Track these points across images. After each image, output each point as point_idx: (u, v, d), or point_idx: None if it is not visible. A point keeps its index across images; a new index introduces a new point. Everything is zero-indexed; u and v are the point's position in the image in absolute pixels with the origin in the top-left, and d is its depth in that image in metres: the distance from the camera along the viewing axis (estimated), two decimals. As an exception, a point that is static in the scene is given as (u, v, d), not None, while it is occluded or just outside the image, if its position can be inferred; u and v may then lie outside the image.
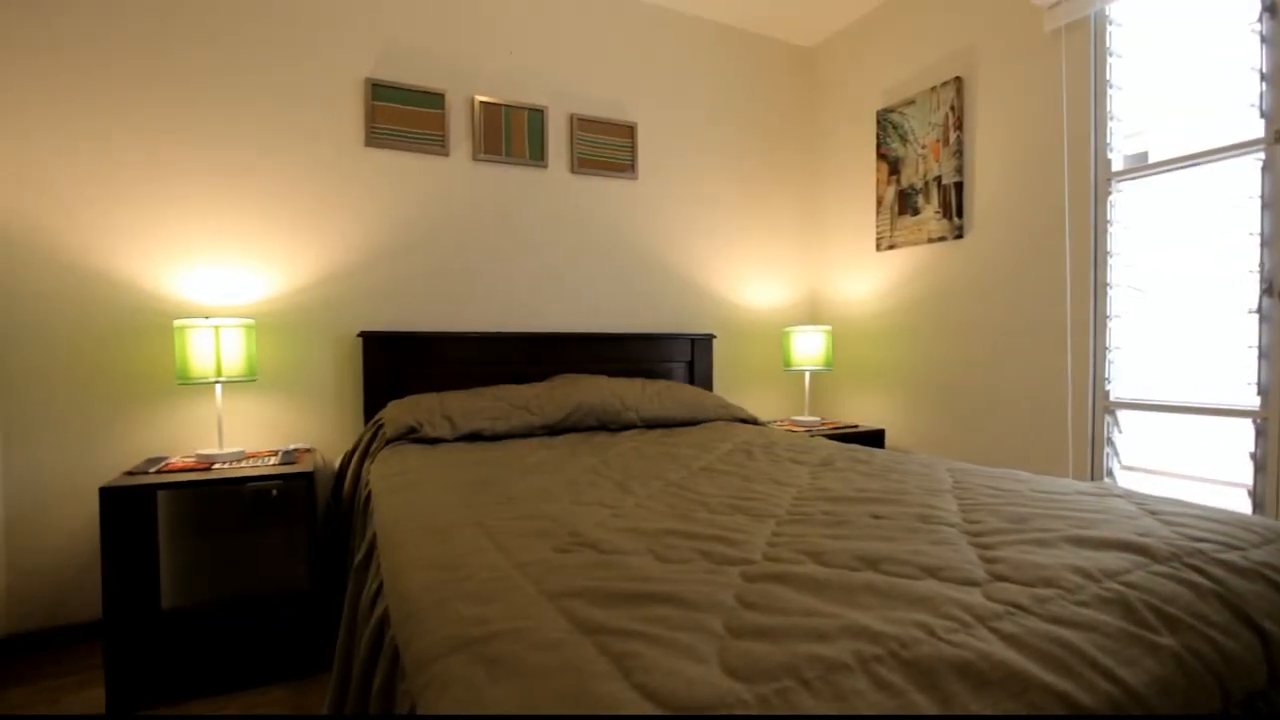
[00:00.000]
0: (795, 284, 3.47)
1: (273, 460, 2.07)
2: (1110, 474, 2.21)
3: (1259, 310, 1.84)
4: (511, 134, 2.73)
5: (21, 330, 2.07)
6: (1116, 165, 2.18)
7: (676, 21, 3.14)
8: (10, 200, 2.06)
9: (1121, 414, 2.19)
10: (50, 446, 2.10)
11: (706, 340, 3.11)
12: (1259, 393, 1.83)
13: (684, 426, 2.48)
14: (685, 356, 3.06)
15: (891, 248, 2.99)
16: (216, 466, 1.98)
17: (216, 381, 2.05)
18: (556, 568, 0.94)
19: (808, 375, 3.16)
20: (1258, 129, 1.83)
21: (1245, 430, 1.88)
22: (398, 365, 2.49)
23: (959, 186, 2.65)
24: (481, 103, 2.68)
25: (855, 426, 3.00)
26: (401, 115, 2.54)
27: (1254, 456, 1.84)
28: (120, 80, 2.17)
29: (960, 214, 2.65)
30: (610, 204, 2.97)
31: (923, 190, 2.82)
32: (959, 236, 2.67)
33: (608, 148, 2.93)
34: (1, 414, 2.04)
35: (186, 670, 1.85)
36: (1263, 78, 1.82)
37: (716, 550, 1.01)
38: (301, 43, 2.42)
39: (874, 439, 2.93)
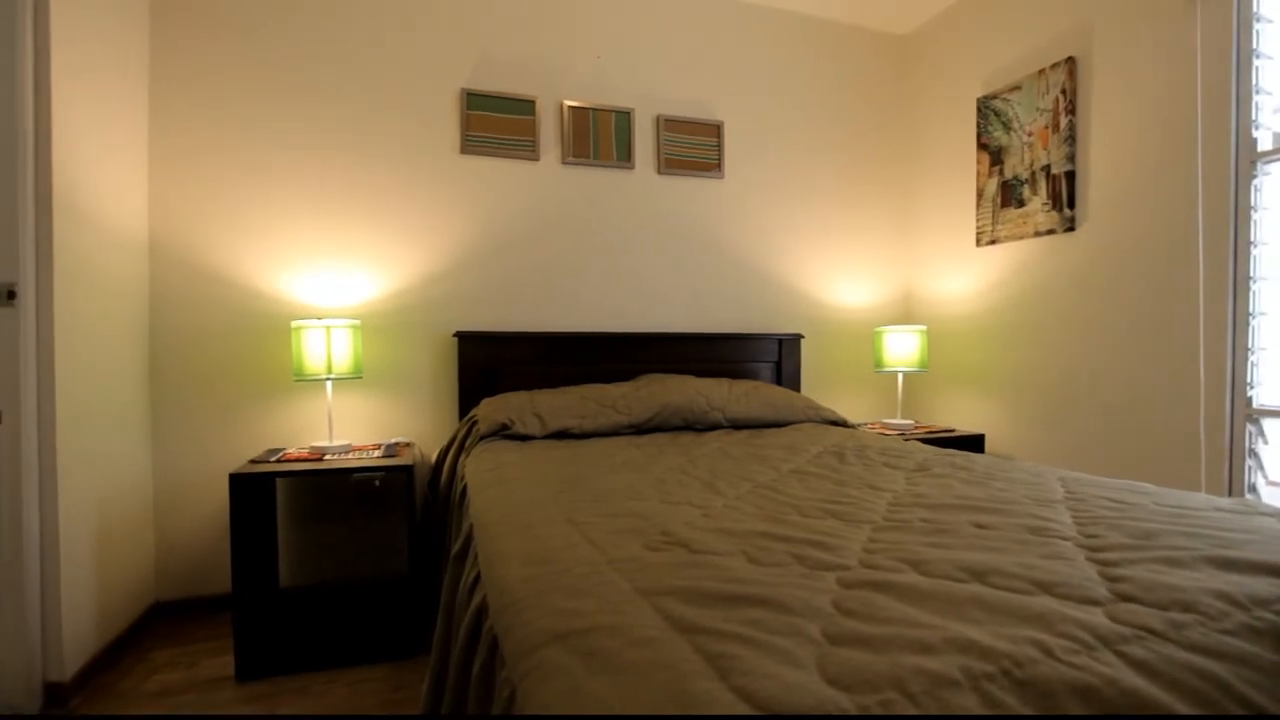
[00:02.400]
0: (888, 282, 3.34)
1: (376, 453, 2.21)
2: (1254, 490, 1.99)
3: None
4: (599, 137, 2.78)
5: (167, 332, 2.31)
6: (1264, 144, 1.95)
7: (763, 16, 3.09)
8: (158, 217, 2.30)
9: (1267, 423, 1.97)
10: (189, 436, 2.33)
11: (794, 340, 3.04)
12: None
13: (772, 428, 2.44)
14: (772, 357, 3.01)
15: (993, 242, 2.82)
16: (327, 457, 2.14)
17: (327, 378, 2.21)
18: (648, 565, 0.95)
19: (901, 377, 3.03)
20: None
21: None
22: (490, 364, 2.59)
23: (1070, 176, 2.47)
24: (570, 107, 2.74)
25: (952, 431, 2.85)
26: (494, 123, 2.64)
27: None
28: (243, 103, 2.38)
29: (1072, 205, 2.47)
30: (697, 204, 2.97)
31: (1029, 181, 2.64)
32: (1070, 229, 2.48)
33: (694, 147, 2.93)
34: (152, 407, 2.29)
35: (300, 644, 2.00)
36: None
37: (810, 555, 0.99)
38: (405, 61, 2.56)
39: (973, 444, 2.78)
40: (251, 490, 1.99)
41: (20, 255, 1.68)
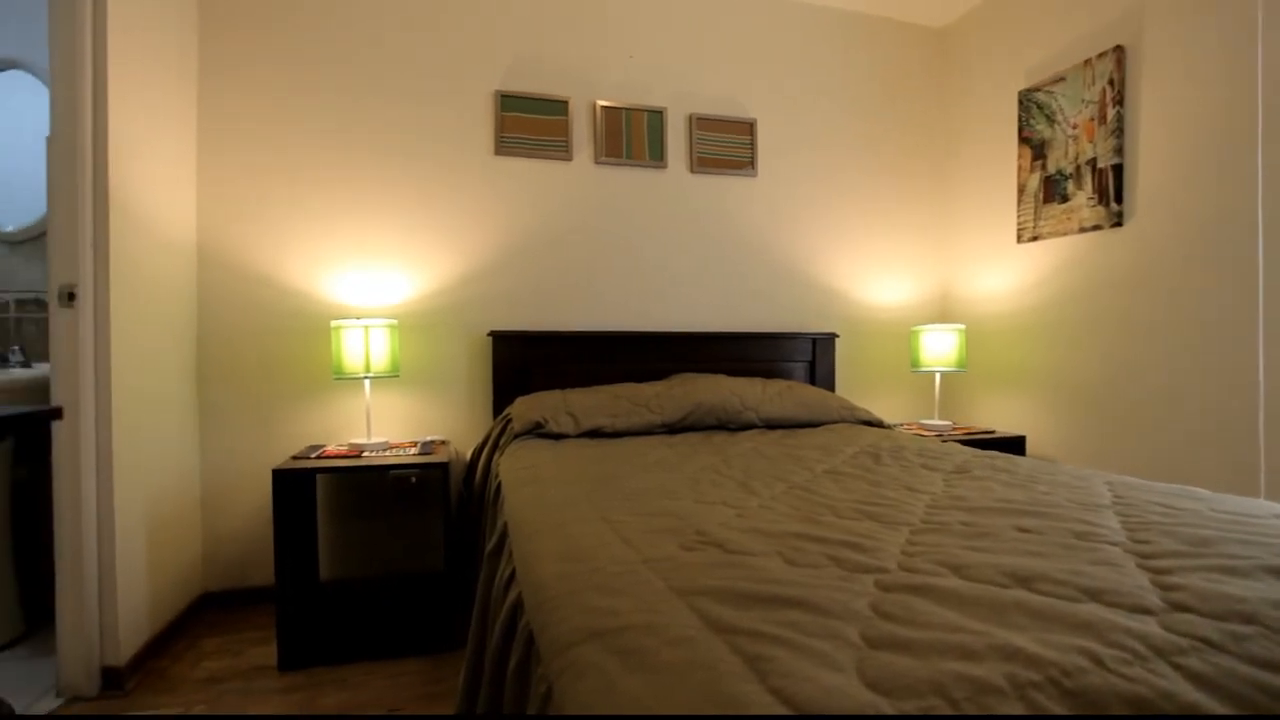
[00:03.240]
0: (925, 280, 3.27)
1: (413, 450, 2.25)
2: (1315, 496, 1.90)
3: None
4: (632, 136, 2.79)
5: (215, 332, 2.39)
6: (1326, 135, 1.86)
7: (797, 12, 3.06)
8: (206, 218, 2.38)
9: (1330, 426, 1.87)
10: (234, 433, 2.41)
11: (828, 340, 3.01)
12: None
13: (806, 428, 2.41)
14: (806, 356, 2.98)
15: (1035, 239, 2.75)
16: (365, 454, 2.18)
17: (365, 377, 2.26)
18: (683, 565, 0.95)
19: (938, 377, 2.97)
20: None
21: None
22: (524, 363, 2.62)
23: (1118, 169, 2.39)
24: (603, 107, 2.75)
25: (991, 432, 2.78)
26: (528, 124, 2.67)
27: None
28: (285, 107, 2.45)
29: (1119, 199, 2.38)
30: (729, 202, 2.95)
31: (1073, 175, 2.56)
32: (1117, 224, 2.40)
33: (727, 145, 2.92)
34: (199, 404, 2.37)
35: (340, 636, 2.04)
36: None
37: (847, 557, 0.98)
38: (441, 64, 2.60)
39: (1013, 446, 2.71)
40: (293, 485, 2.05)
41: (79, 259, 1.75)
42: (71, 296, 1.75)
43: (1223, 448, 2.06)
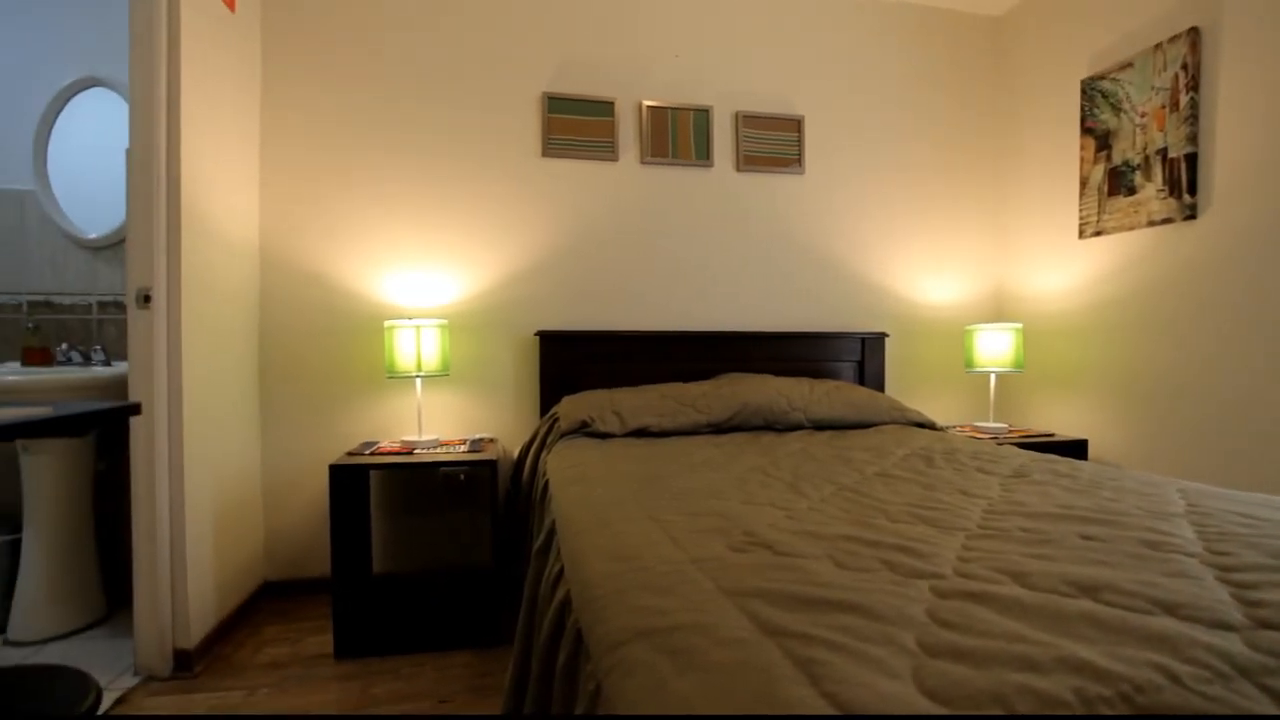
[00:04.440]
0: (979, 278, 3.17)
1: (462, 448, 2.30)
2: None
3: None
4: (678, 135, 2.78)
5: (274, 332, 2.49)
6: None
7: (846, 5, 3.00)
8: (270, 224, 2.48)
9: None
10: (293, 429, 2.50)
11: (878, 339, 2.94)
12: None
13: (855, 429, 2.37)
14: (855, 356, 2.92)
15: (1098, 234, 2.62)
16: (417, 451, 2.24)
17: (417, 376, 2.32)
18: (732, 565, 0.94)
19: (993, 377, 2.87)
20: None
21: None
22: (570, 362, 2.64)
23: (1191, 159, 2.26)
24: (649, 107, 2.75)
25: (1051, 435, 2.67)
26: (574, 125, 2.69)
27: None
28: (341, 111, 2.53)
29: (1193, 191, 2.26)
30: (776, 200, 2.92)
31: (1141, 166, 2.44)
32: (1190, 217, 2.27)
33: (774, 143, 2.88)
34: (260, 401, 2.48)
35: (391, 628, 2.10)
36: None
37: (901, 561, 0.95)
38: (490, 67, 2.65)
39: (1074, 450, 2.59)
40: (348, 481, 2.12)
41: (155, 263, 1.85)
42: (147, 299, 1.85)
43: (1309, 454, 1.93)
